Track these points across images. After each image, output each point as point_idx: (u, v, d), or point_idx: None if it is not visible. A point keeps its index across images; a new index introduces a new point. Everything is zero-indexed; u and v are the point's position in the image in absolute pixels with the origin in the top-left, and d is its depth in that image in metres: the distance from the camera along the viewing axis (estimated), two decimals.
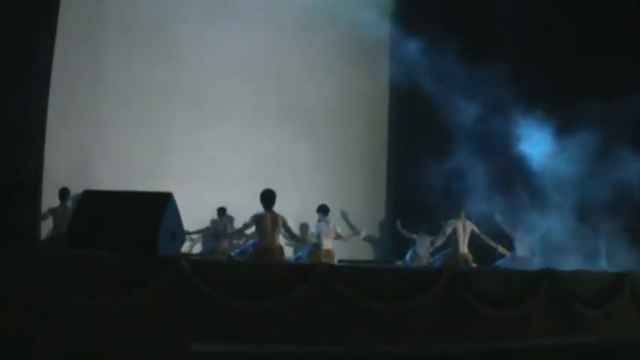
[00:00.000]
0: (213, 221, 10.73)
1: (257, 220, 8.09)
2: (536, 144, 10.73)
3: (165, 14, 11.25)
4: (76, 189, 9.76)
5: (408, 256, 11.03)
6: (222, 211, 10.51)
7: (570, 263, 9.64)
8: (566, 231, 10.25)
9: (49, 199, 9.72)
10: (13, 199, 8.89)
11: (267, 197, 8.08)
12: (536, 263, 10.96)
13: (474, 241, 10.21)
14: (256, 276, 6.23)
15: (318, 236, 9.78)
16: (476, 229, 9.99)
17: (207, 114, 11.28)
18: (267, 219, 8.05)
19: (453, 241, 9.91)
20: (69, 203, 9.70)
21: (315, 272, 6.30)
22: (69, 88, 10.21)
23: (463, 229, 9.88)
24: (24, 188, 9.20)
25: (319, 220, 9.87)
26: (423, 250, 10.91)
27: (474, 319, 6.90)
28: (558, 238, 10.50)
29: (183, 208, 6.52)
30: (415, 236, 11.01)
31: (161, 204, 6.22)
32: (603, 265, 10.24)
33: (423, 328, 6.66)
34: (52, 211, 9.71)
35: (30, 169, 9.37)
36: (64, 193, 9.77)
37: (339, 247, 10.56)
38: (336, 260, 9.65)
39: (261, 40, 11.73)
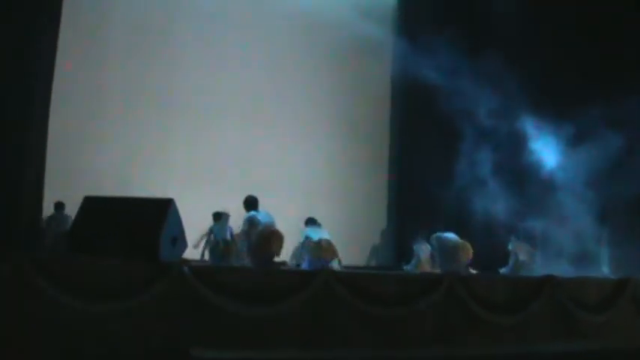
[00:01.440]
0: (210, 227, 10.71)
1: (251, 221, 8.53)
2: (541, 147, 10.73)
3: (166, 17, 11.24)
4: (76, 192, 9.74)
5: (411, 265, 11.01)
6: (217, 216, 10.50)
7: (572, 269, 9.63)
8: (568, 237, 10.24)
9: (51, 200, 9.74)
10: (15, 201, 8.94)
11: (253, 202, 8.73)
12: (538, 269, 10.98)
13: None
14: (258, 281, 6.24)
15: (308, 237, 9.74)
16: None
17: (208, 118, 11.27)
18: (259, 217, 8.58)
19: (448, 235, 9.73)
20: (65, 212, 9.73)
21: (318, 278, 6.30)
22: (70, 91, 10.23)
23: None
24: (27, 189, 9.24)
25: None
26: (423, 256, 10.92)
27: (476, 325, 6.91)
28: (560, 243, 10.50)
29: (183, 212, 6.55)
30: (415, 246, 11.02)
31: (162, 210, 6.24)
32: (605, 271, 10.22)
33: (425, 333, 6.67)
34: (49, 220, 9.76)
35: (32, 170, 9.41)
36: (59, 205, 9.82)
37: (343, 254, 10.51)
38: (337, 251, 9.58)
39: (261, 42, 11.73)
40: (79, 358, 5.42)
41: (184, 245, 6.54)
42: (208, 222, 10.59)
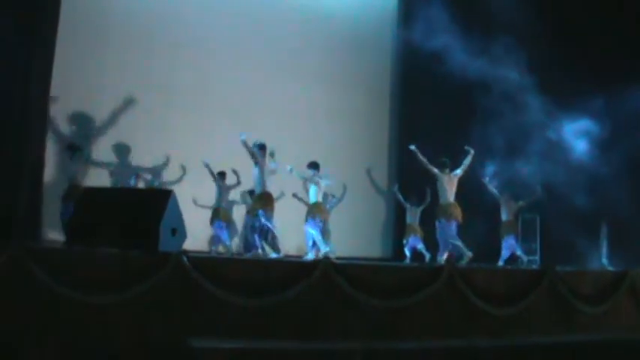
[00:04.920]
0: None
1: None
2: (545, 133, 10.73)
3: (166, 11, 11.24)
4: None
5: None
6: (222, 175, 10.53)
7: (571, 261, 9.64)
8: (566, 228, 10.24)
9: (51, 195, 9.73)
10: (15, 190, 8.95)
11: (258, 149, 8.80)
12: (537, 261, 10.99)
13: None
14: (257, 272, 6.25)
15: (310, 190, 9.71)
16: (460, 171, 9.52)
17: (208, 109, 11.26)
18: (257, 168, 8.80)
19: (440, 194, 9.57)
20: (82, 154, 9.63)
21: (317, 269, 6.32)
22: (70, 83, 10.23)
23: (449, 181, 9.49)
24: (26, 180, 9.24)
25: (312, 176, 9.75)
26: (413, 220, 11.01)
27: (475, 316, 6.92)
28: (558, 234, 10.50)
29: (183, 203, 6.57)
30: (407, 207, 11.12)
31: (162, 201, 6.25)
32: (604, 263, 10.24)
33: (424, 325, 6.68)
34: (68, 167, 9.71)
35: (32, 162, 9.42)
36: (72, 147, 9.60)
37: (343, 245, 10.49)
38: (327, 214, 9.58)
39: (260, 31, 11.73)
40: (78, 349, 5.43)
41: (184, 236, 6.55)
42: (207, 213, 10.62)
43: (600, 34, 10.52)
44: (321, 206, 9.45)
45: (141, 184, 10.65)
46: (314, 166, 9.57)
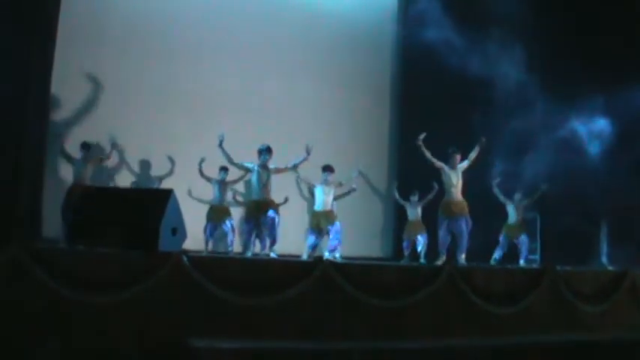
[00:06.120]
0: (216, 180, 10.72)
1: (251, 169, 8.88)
2: (544, 132, 10.75)
3: (166, 10, 11.23)
4: None
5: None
6: (224, 169, 10.52)
7: (571, 260, 9.64)
8: (566, 227, 10.24)
9: (51, 193, 9.74)
10: (15, 190, 8.94)
11: (266, 152, 8.82)
12: (537, 260, 10.99)
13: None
14: (258, 271, 6.25)
15: (317, 195, 9.61)
16: (466, 163, 9.09)
17: (207, 109, 11.26)
18: (262, 172, 8.78)
19: (445, 188, 9.19)
20: (90, 155, 9.82)
21: (317, 269, 6.31)
22: (69, 83, 10.24)
23: (455, 175, 9.05)
24: (26, 180, 9.24)
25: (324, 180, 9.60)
26: (413, 216, 11.00)
27: (475, 316, 6.92)
28: (559, 233, 10.49)
29: (183, 203, 6.57)
30: (407, 204, 11.10)
31: (162, 200, 6.25)
32: (604, 262, 10.24)
33: (424, 324, 6.68)
34: (74, 162, 9.79)
35: (31, 162, 9.42)
36: (85, 146, 9.81)
37: (343, 245, 10.50)
38: (336, 222, 9.48)
39: (260, 28, 11.75)
40: (78, 349, 5.43)
41: (184, 235, 6.55)
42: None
43: (601, 32, 10.52)
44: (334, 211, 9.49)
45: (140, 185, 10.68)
46: (329, 169, 9.51)
